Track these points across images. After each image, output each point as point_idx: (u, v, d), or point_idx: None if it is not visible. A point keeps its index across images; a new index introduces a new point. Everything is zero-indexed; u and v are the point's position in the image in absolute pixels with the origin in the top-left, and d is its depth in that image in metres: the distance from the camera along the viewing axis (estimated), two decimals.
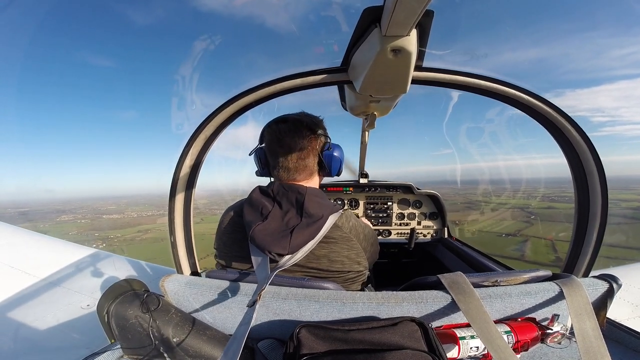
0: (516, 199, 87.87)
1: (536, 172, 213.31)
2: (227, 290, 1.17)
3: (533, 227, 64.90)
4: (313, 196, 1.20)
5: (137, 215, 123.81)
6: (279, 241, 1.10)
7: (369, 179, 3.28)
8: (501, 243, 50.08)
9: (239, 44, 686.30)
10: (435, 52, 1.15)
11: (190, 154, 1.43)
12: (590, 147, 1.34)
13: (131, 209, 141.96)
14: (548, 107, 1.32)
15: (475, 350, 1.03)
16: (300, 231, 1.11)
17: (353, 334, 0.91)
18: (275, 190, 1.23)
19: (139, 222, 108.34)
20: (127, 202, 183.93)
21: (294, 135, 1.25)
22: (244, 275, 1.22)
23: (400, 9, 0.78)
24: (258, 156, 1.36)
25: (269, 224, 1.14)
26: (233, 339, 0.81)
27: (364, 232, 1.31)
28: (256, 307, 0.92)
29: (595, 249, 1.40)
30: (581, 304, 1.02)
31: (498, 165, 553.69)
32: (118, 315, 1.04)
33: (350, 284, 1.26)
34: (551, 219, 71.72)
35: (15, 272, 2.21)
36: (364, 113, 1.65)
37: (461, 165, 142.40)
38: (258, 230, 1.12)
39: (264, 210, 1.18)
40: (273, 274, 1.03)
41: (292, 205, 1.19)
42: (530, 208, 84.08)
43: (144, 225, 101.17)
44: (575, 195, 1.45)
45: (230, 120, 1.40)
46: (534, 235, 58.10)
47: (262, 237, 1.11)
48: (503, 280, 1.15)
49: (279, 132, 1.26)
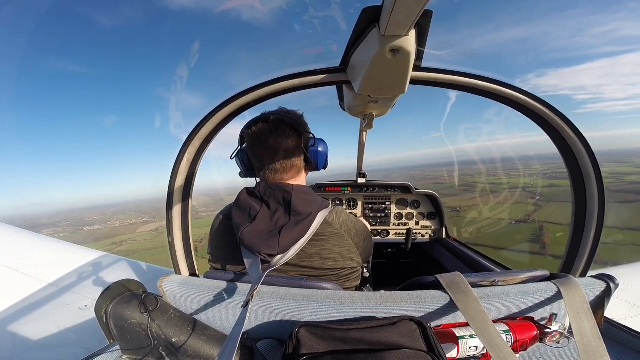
0: (513, 178, 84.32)
1: (525, 149, 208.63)
2: (225, 290, 1.17)
3: (542, 209, 58.78)
4: (300, 193, 1.19)
5: (120, 224, 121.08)
6: (268, 242, 1.09)
7: (367, 179, 3.29)
8: (512, 233, 42.28)
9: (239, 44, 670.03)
10: (434, 53, 1.15)
11: (188, 153, 1.42)
12: (587, 148, 1.35)
13: (116, 217, 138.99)
14: (545, 108, 1.32)
15: (475, 350, 1.04)
16: (288, 230, 1.11)
17: (352, 333, 0.91)
18: (262, 190, 1.21)
19: (119, 233, 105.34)
20: (115, 210, 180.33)
21: (277, 136, 1.22)
22: (242, 276, 1.22)
23: (399, 9, 0.78)
24: (240, 159, 1.34)
25: (258, 225, 1.14)
26: (229, 339, 0.82)
27: (355, 227, 1.30)
28: (249, 307, 0.92)
29: (593, 249, 1.40)
30: (579, 304, 1.03)
31: (487, 145, 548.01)
32: (116, 316, 1.04)
33: (345, 281, 1.25)
34: (558, 198, 64.68)
35: (14, 273, 2.19)
36: (362, 113, 1.65)
37: (452, 147, 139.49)
38: (247, 232, 1.12)
39: (252, 212, 1.17)
40: (264, 274, 1.03)
41: (279, 205, 1.18)
42: (531, 187, 79.60)
43: (122, 236, 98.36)
44: (573, 195, 1.46)
45: (228, 120, 1.40)
46: (547, 220, 51.28)
47: (250, 239, 1.11)
48: (501, 280, 1.16)
49: (260, 135, 1.22)
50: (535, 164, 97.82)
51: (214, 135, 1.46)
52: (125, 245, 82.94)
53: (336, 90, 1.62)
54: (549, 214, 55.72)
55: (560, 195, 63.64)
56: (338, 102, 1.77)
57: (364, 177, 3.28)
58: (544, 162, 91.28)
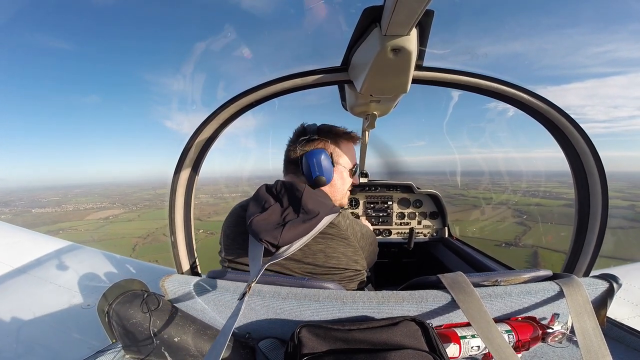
0: (497, 193, 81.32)
1: (513, 165, 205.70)
2: (227, 289, 1.17)
3: (532, 231, 55.66)
4: (312, 193, 1.24)
5: (74, 208, 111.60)
6: (272, 231, 1.13)
7: (368, 179, 3.28)
8: (504, 257, 41.55)
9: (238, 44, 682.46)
10: (435, 52, 1.14)
11: (190, 153, 1.43)
12: (590, 146, 1.34)
13: (75, 200, 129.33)
14: (548, 107, 1.31)
15: (476, 350, 1.04)
16: (293, 225, 1.14)
17: (354, 333, 0.91)
18: (278, 188, 1.28)
19: (65, 218, 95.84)
20: (80, 192, 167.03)
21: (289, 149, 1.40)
22: (244, 275, 1.22)
23: (400, 8, 0.78)
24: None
25: (268, 215, 1.19)
26: (221, 332, 0.82)
27: (362, 231, 1.33)
28: (245, 299, 0.94)
29: (596, 248, 1.40)
30: (581, 304, 1.02)
31: (473, 157, 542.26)
32: (119, 315, 1.04)
33: (348, 283, 1.26)
34: (545, 219, 62.56)
35: (16, 272, 2.21)
36: (364, 113, 1.65)
37: (434, 157, 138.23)
38: (256, 220, 1.17)
39: (266, 205, 1.24)
40: (264, 266, 1.07)
41: (291, 202, 1.23)
42: (516, 205, 76.33)
43: (65, 222, 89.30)
44: (576, 194, 1.45)
45: (230, 120, 1.41)
46: (539, 244, 47.83)
47: (257, 225, 1.16)
48: (503, 279, 1.15)
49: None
50: (522, 182, 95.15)
51: (217, 136, 1.46)
52: (62, 234, 70.37)
53: (338, 90, 1.61)
54: (537, 236, 52.34)
55: (547, 215, 60.84)
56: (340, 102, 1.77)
57: (366, 177, 3.27)
58: (531, 181, 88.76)
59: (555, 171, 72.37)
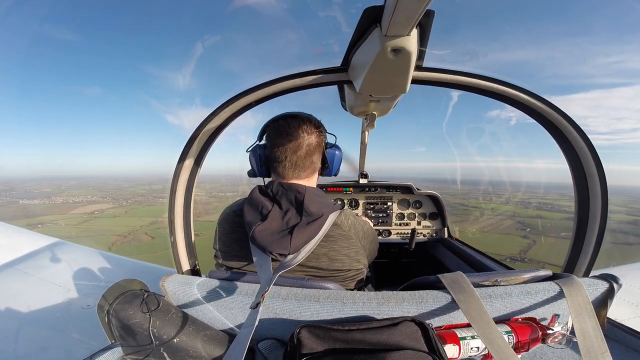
0: (496, 204, 79.78)
1: (510, 175, 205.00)
2: (227, 290, 1.17)
3: (536, 245, 53.35)
4: (313, 195, 1.20)
5: (63, 201, 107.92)
6: (280, 241, 1.08)
7: (368, 179, 3.29)
8: None
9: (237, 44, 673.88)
10: (435, 52, 1.15)
11: (190, 154, 1.43)
12: (591, 148, 1.34)
13: (67, 192, 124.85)
14: (549, 108, 1.32)
15: (476, 351, 1.03)
16: (300, 230, 1.10)
17: (353, 334, 0.91)
18: (275, 190, 1.21)
19: (51, 212, 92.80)
20: (75, 184, 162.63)
21: (304, 130, 1.23)
22: (244, 275, 1.22)
23: (400, 9, 0.78)
24: (257, 154, 1.33)
25: (270, 224, 1.13)
26: (236, 341, 0.80)
27: (363, 229, 1.31)
28: (259, 308, 0.91)
29: (596, 248, 1.40)
30: (582, 304, 1.02)
31: (470, 165, 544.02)
32: (118, 316, 1.04)
33: (350, 282, 1.26)
34: (547, 231, 60.03)
35: (15, 272, 2.20)
36: (364, 113, 1.65)
37: (435, 164, 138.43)
38: (258, 231, 1.11)
39: (264, 210, 1.17)
40: (276, 275, 1.02)
41: (291, 205, 1.18)
42: (518, 216, 74.18)
43: (47, 216, 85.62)
44: (576, 195, 1.45)
45: (230, 120, 1.40)
46: (545, 260, 44.02)
47: (262, 238, 1.10)
48: (503, 280, 1.15)
49: (287, 127, 1.23)
50: (519, 192, 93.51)
51: (216, 136, 1.46)
52: (41, 228, 67.89)
53: (337, 90, 1.61)
54: (543, 250, 50.07)
55: (548, 228, 58.38)
56: (340, 102, 1.77)
57: (366, 178, 3.27)
58: (527, 191, 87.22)
59: (555, 183, 71.36)
